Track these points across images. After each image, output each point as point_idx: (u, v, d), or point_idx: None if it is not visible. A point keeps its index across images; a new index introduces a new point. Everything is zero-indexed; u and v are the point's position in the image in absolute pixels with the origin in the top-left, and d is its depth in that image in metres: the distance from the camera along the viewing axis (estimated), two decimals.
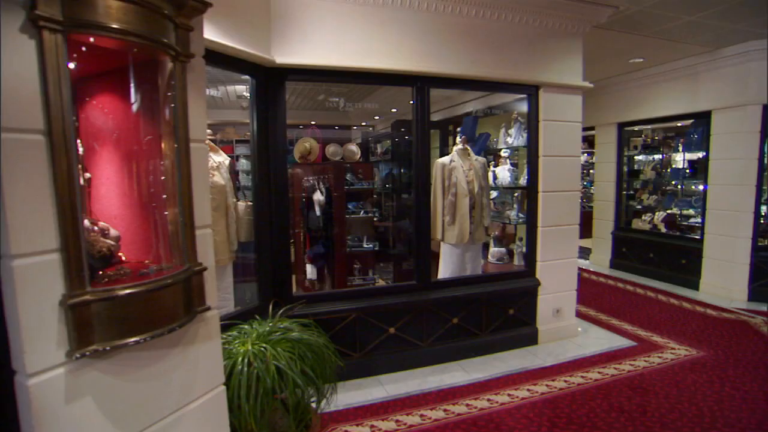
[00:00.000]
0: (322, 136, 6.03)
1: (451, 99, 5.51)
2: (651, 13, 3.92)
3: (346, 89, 5.48)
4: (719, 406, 2.97)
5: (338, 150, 6.51)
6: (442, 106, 5.69)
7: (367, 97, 5.93)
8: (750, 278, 5.01)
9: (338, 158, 6.46)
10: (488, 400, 3.06)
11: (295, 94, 6.52)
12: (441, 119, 5.72)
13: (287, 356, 2.16)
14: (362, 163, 4.55)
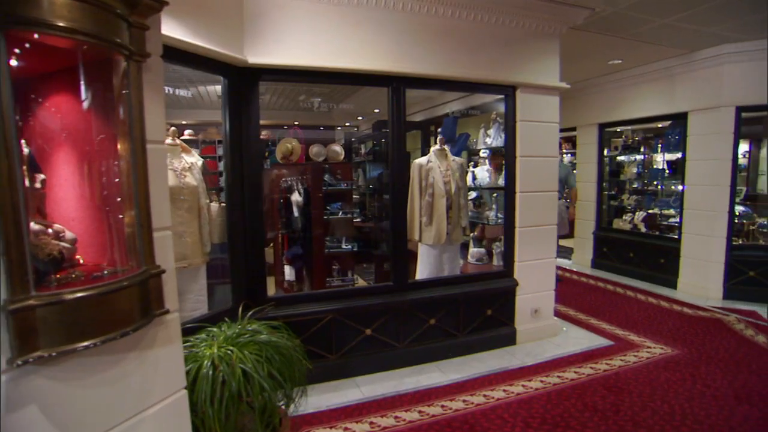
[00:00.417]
0: (305, 136, 6.02)
1: (431, 99, 5.53)
2: (626, 15, 3.96)
3: (328, 89, 5.45)
4: (690, 403, 3.01)
5: (322, 150, 6.47)
6: (423, 106, 5.71)
7: (349, 98, 5.92)
8: (725, 277, 5.09)
9: (321, 159, 6.42)
10: (464, 401, 3.06)
11: (276, 94, 6.48)
12: (422, 120, 5.73)
13: (254, 359, 2.13)
14: (341, 164, 4.52)
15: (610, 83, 6.23)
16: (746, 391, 3.15)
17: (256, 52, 2.98)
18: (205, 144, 7.71)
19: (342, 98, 6.19)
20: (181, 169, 2.97)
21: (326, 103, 5.64)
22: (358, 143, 6.72)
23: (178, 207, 2.92)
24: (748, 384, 3.24)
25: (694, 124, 5.25)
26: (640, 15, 3.94)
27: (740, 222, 5.36)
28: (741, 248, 5.15)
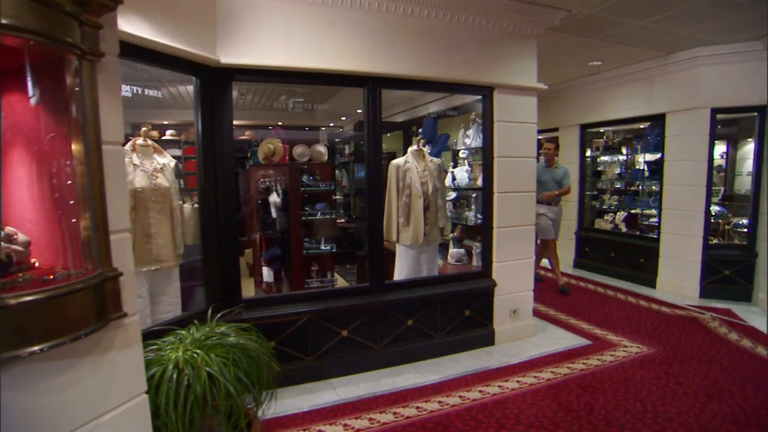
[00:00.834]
0: (289, 137, 5.98)
1: (413, 100, 5.53)
2: (602, 17, 4.00)
3: (309, 90, 5.41)
4: (662, 401, 3.04)
5: (305, 151, 6.44)
6: (406, 107, 5.71)
7: (331, 98, 5.89)
8: (701, 276, 5.16)
9: (305, 159, 6.40)
10: (439, 402, 3.06)
11: (258, 94, 6.45)
12: (404, 120, 5.73)
13: (220, 362, 2.10)
14: (319, 164, 4.50)
15: (590, 84, 6.29)
16: (717, 388, 3.19)
17: (229, 52, 2.95)
18: (187, 144, 7.61)
19: (324, 99, 6.15)
20: (153, 170, 2.93)
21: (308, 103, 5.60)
22: (342, 144, 6.70)
23: (149, 208, 2.89)
24: (718, 381, 3.29)
25: (671, 126, 5.32)
26: (616, 17, 3.98)
27: (716, 222, 5.44)
28: (717, 247, 5.23)
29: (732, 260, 5.07)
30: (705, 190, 5.08)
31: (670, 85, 5.27)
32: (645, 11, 3.86)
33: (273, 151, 5.28)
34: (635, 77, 5.66)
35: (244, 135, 8.01)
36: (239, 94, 5.99)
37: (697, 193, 5.11)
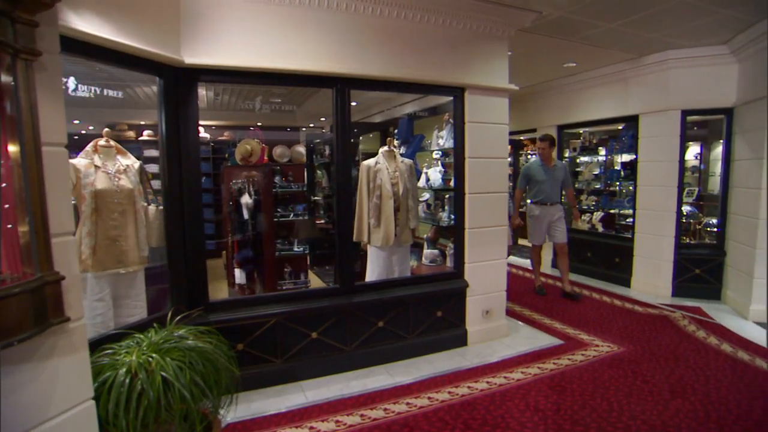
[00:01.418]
0: (271, 137, 5.94)
1: (390, 101, 5.52)
2: (573, 19, 4.03)
3: (286, 90, 5.38)
4: (628, 399, 3.07)
5: (286, 152, 6.41)
6: (383, 107, 5.70)
7: (310, 98, 5.87)
8: (673, 275, 5.24)
9: (286, 160, 6.38)
10: (407, 404, 3.05)
11: (235, 94, 6.38)
12: (381, 121, 5.73)
13: (176, 366, 2.07)
14: (293, 165, 4.48)
15: (567, 85, 6.35)
16: (681, 385, 3.23)
17: (194, 52, 2.91)
18: None
19: (303, 99, 6.13)
20: (115, 172, 2.89)
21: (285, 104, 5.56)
22: (322, 144, 6.68)
23: (111, 210, 2.84)
24: (683, 378, 3.33)
25: (644, 127, 5.39)
26: (586, 19, 4.02)
27: (688, 221, 5.53)
28: (688, 247, 5.31)
29: (702, 259, 5.16)
30: (676, 191, 5.15)
31: (642, 86, 5.34)
32: (614, 14, 3.90)
33: (250, 151, 5.24)
34: (610, 79, 5.73)
35: (223, 135, 7.98)
36: (215, 94, 5.93)
37: (669, 193, 5.19)
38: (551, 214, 5.32)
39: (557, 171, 5.32)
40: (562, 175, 5.36)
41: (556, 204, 5.34)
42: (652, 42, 4.62)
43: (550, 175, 5.28)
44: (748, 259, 4.49)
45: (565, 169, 5.44)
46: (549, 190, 5.28)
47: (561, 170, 5.36)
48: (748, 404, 2.98)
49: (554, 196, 5.32)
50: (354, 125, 6.32)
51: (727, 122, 4.95)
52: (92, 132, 6.29)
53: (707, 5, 3.64)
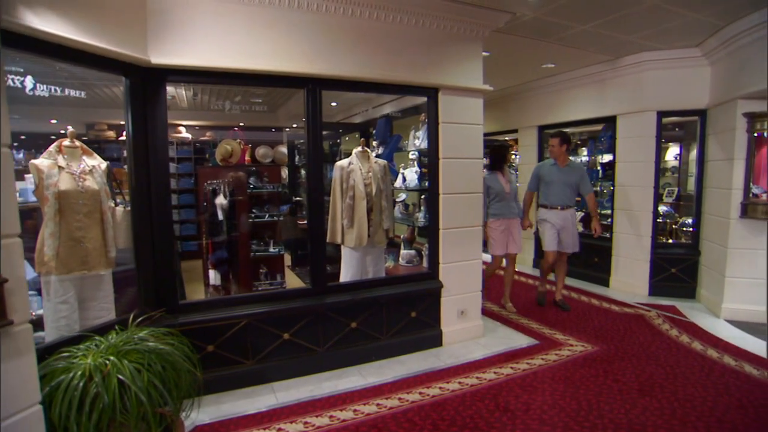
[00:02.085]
0: (254, 138, 5.92)
1: (371, 101, 5.51)
2: (547, 21, 4.06)
3: (266, 91, 5.35)
4: (597, 398, 3.09)
5: (269, 152, 6.38)
6: (364, 108, 5.69)
7: (290, 99, 5.84)
8: (650, 274, 5.29)
9: (269, 160, 6.34)
10: (377, 405, 3.04)
11: (214, 94, 6.34)
12: (361, 121, 5.72)
13: (133, 368, 2.05)
14: (268, 166, 4.46)
15: (547, 86, 6.39)
16: (650, 383, 3.27)
17: (162, 52, 2.89)
18: None
19: (285, 99, 6.11)
20: (80, 173, 2.84)
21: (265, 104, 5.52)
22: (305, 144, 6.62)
23: (76, 211, 2.79)
24: (653, 377, 3.37)
25: (621, 128, 5.45)
26: (560, 20, 4.05)
27: (664, 221, 5.59)
28: (664, 246, 5.37)
29: (678, 259, 5.22)
30: (653, 191, 5.21)
31: (619, 88, 5.39)
32: (586, 16, 3.93)
33: (230, 152, 5.22)
34: (588, 80, 5.78)
35: (205, 136, 7.93)
36: (193, 94, 5.88)
37: (646, 193, 5.25)
38: (563, 219, 4.82)
39: (571, 172, 4.83)
40: (577, 177, 4.83)
41: (568, 208, 4.84)
42: (626, 44, 4.67)
43: (563, 176, 4.81)
44: (721, 259, 4.55)
45: (581, 170, 4.93)
46: (560, 192, 4.82)
47: (576, 171, 4.86)
48: (713, 401, 3.01)
49: (566, 200, 4.82)
50: (335, 126, 6.35)
51: (701, 124, 5.01)
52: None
53: (675, 8, 3.68)
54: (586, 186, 4.86)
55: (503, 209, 4.71)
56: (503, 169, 4.81)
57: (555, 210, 4.84)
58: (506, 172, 4.83)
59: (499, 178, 4.75)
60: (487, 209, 4.66)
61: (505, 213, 4.72)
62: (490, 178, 4.76)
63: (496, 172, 4.80)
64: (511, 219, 4.75)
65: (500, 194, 4.69)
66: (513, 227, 4.77)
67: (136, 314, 2.48)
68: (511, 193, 4.76)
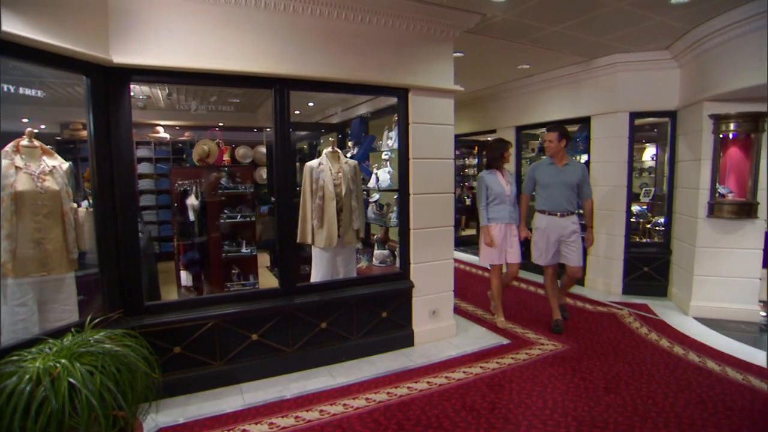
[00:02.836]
0: (227, 138, 5.88)
1: (347, 101, 5.51)
2: (518, 22, 4.09)
3: (242, 91, 5.33)
4: (563, 396, 3.12)
5: (248, 152, 6.35)
6: (340, 108, 5.69)
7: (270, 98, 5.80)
8: (624, 273, 5.36)
9: (248, 161, 6.31)
10: (344, 405, 3.04)
11: (190, 94, 6.29)
12: (338, 122, 5.72)
13: (85, 371, 2.03)
14: (241, 167, 4.44)
15: (524, 87, 6.45)
16: (616, 381, 3.31)
17: (124, 52, 2.86)
18: None
19: (264, 99, 6.07)
20: (40, 173, 2.81)
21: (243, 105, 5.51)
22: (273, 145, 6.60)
23: (34, 213, 2.76)
24: (619, 374, 3.41)
25: (596, 128, 5.51)
26: (531, 22, 4.08)
27: (637, 221, 5.67)
28: (637, 245, 5.45)
29: (651, 258, 5.29)
30: (626, 191, 5.28)
31: (593, 89, 5.46)
32: (555, 17, 3.97)
33: (207, 152, 5.19)
34: (564, 81, 5.83)
35: (184, 136, 7.87)
36: (167, 94, 5.83)
37: (619, 193, 5.32)
38: (562, 227, 4.18)
39: (570, 172, 4.18)
40: (577, 177, 4.18)
41: (568, 215, 4.18)
42: (598, 45, 4.72)
43: (562, 177, 4.17)
44: (689, 257, 4.63)
45: (582, 170, 4.25)
46: (558, 196, 4.17)
47: (575, 172, 4.19)
48: (674, 396, 3.07)
49: (565, 204, 4.17)
50: (313, 126, 6.34)
51: (672, 125, 5.09)
52: (44, 131, 6.14)
53: (641, 11, 3.73)
54: (587, 189, 4.28)
55: (502, 213, 4.32)
56: (502, 169, 4.40)
57: (554, 217, 4.19)
58: (505, 172, 4.43)
59: (498, 178, 4.34)
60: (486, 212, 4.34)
61: (504, 217, 4.33)
62: (489, 177, 4.35)
63: (494, 171, 4.38)
64: (510, 224, 4.37)
65: (500, 196, 4.29)
66: (512, 234, 4.39)
67: (93, 316, 2.45)
68: (512, 195, 4.36)
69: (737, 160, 4.34)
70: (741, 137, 4.27)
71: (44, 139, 5.54)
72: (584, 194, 4.28)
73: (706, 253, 4.48)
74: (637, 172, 7.57)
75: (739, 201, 4.29)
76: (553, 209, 4.23)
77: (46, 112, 5.95)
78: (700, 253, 4.48)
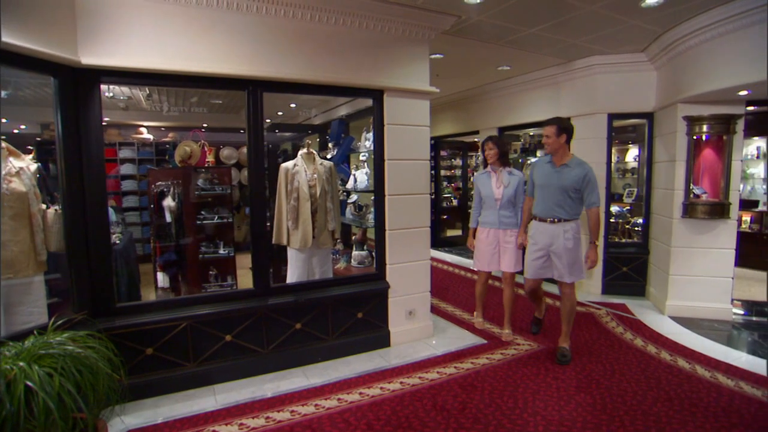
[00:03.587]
0: (212, 139, 5.88)
1: (329, 102, 5.52)
2: (493, 24, 4.12)
3: (223, 93, 5.34)
4: (534, 396, 3.15)
5: (233, 153, 6.35)
6: (321, 109, 5.70)
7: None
8: (603, 273, 5.41)
9: (233, 162, 6.30)
10: (315, 406, 3.05)
11: (171, 95, 6.27)
12: (320, 123, 5.73)
13: (44, 373, 2.02)
14: (217, 168, 4.43)
15: (506, 88, 6.49)
16: (588, 380, 3.34)
17: (93, 53, 2.85)
18: (106, 145, 7.34)
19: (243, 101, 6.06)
20: (6, 174, 2.79)
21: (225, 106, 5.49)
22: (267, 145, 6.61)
23: (1, 214, 2.75)
24: (592, 373, 3.44)
25: (576, 129, 5.52)
26: (506, 24, 4.11)
27: (617, 221, 5.72)
28: (616, 245, 5.49)
29: (629, 258, 5.34)
30: (605, 191, 5.32)
31: (573, 90, 5.50)
32: (530, 20, 4.00)
33: (189, 153, 5.18)
34: (544, 82, 5.88)
35: (167, 137, 7.85)
36: (147, 95, 5.81)
37: (600, 193, 5.32)
38: (552, 236, 3.62)
39: (567, 174, 3.57)
40: (574, 180, 3.53)
41: (561, 221, 3.60)
42: (576, 47, 4.76)
43: (554, 179, 3.60)
44: (665, 257, 4.68)
45: (585, 173, 3.56)
46: (549, 199, 3.62)
47: (574, 174, 3.55)
48: (643, 394, 3.11)
49: (556, 210, 3.60)
50: (297, 127, 6.34)
51: (649, 126, 5.15)
52: (24, 132, 6.10)
53: (613, 14, 3.77)
54: (591, 195, 3.55)
55: (490, 217, 4.06)
56: (498, 169, 4.07)
57: (544, 223, 3.66)
58: (501, 173, 4.05)
59: (490, 179, 4.08)
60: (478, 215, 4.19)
61: (493, 222, 4.05)
62: (480, 178, 4.14)
63: (489, 171, 4.12)
64: (502, 230, 4.04)
65: (487, 199, 4.05)
66: (505, 241, 4.05)
67: (57, 318, 2.44)
68: (503, 198, 3.99)
69: (711, 161, 4.40)
70: (714, 139, 4.33)
71: (25, 139, 5.55)
72: (588, 201, 3.58)
73: (681, 252, 4.53)
74: (620, 173, 7.66)
75: (712, 201, 4.35)
76: (543, 215, 3.68)
77: (27, 112, 5.91)
78: (675, 253, 4.54)
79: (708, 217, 4.34)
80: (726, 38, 3.72)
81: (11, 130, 6.08)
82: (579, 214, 3.68)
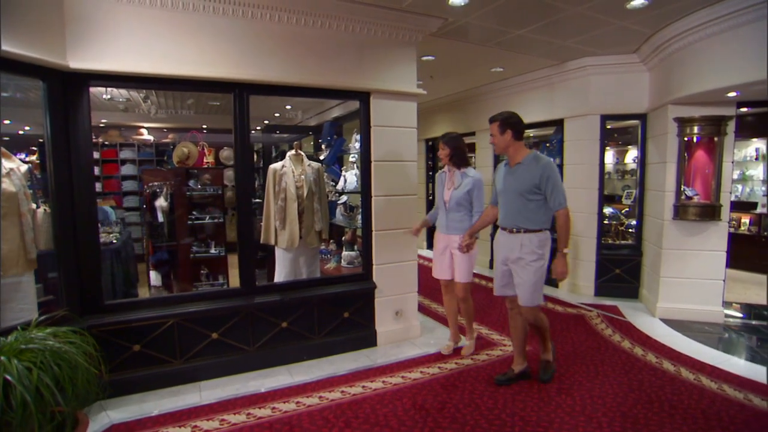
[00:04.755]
0: (211, 140, 5.97)
1: (322, 104, 5.59)
2: (481, 26, 4.14)
3: (221, 95, 5.42)
4: (514, 397, 3.16)
5: (232, 154, 6.44)
6: (315, 111, 5.77)
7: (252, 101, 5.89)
8: (596, 274, 5.39)
9: (232, 162, 6.39)
10: (296, 403, 3.10)
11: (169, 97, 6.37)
12: (315, 124, 5.79)
13: (23, 367, 2.09)
14: (209, 168, 4.51)
15: (501, 89, 6.50)
16: (570, 382, 3.35)
17: (82, 57, 2.93)
18: (104, 147, 7.50)
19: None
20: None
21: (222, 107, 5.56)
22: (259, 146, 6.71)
23: None
24: (575, 375, 3.45)
25: (568, 131, 5.55)
26: (493, 26, 4.13)
27: (610, 223, 5.70)
28: (609, 247, 5.48)
29: (622, 259, 5.32)
30: (597, 193, 5.31)
31: (566, 92, 5.50)
32: (518, 21, 4.01)
33: (187, 154, 5.27)
34: (538, 84, 5.88)
35: (167, 138, 7.97)
36: (144, 98, 5.92)
37: (591, 195, 5.35)
38: (508, 248, 3.17)
39: (521, 175, 3.07)
40: (529, 182, 3.02)
41: (521, 232, 3.09)
42: (567, 49, 4.77)
43: (510, 181, 3.12)
44: (657, 259, 4.66)
45: (542, 170, 3.00)
46: (506, 206, 3.18)
47: (529, 174, 3.03)
48: (623, 396, 3.11)
49: (517, 218, 3.10)
50: (292, 128, 6.41)
51: (642, 127, 5.13)
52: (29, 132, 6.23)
53: (600, 16, 3.78)
54: (554, 196, 3.01)
55: (440, 221, 3.72)
56: (452, 170, 3.68)
57: (504, 233, 3.21)
58: (454, 174, 3.65)
59: (444, 180, 3.74)
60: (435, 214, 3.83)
61: (441, 226, 3.72)
62: (437, 178, 3.83)
63: (445, 171, 3.75)
64: (451, 236, 3.66)
65: (438, 201, 3.75)
66: (453, 248, 3.65)
67: (41, 314, 2.52)
68: (451, 201, 3.62)
69: (702, 162, 4.37)
70: (704, 140, 4.31)
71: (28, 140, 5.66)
72: (551, 202, 3.03)
73: (672, 254, 4.51)
74: (620, 175, 7.63)
75: (703, 203, 4.32)
76: (503, 223, 3.22)
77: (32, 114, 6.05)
78: (666, 255, 4.52)
79: (699, 219, 4.32)
80: (713, 40, 3.70)
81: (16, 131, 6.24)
82: (547, 223, 3.11)
